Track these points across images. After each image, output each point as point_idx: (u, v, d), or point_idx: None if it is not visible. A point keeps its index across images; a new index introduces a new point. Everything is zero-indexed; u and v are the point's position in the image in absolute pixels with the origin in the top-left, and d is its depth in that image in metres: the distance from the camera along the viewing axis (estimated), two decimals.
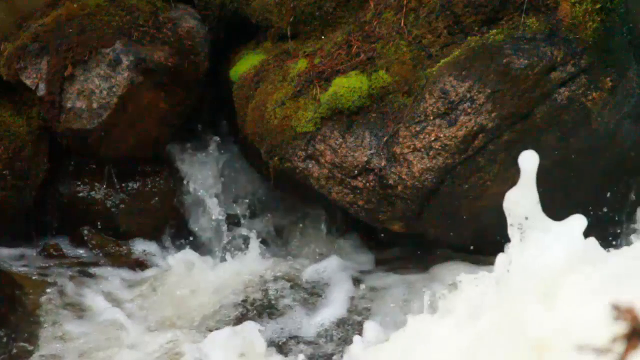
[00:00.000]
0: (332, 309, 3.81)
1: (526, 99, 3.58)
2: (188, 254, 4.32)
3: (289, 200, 4.46)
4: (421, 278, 3.95)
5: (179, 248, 4.37)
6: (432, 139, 3.64)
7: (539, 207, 2.70)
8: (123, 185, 4.34)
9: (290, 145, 3.90)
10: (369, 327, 3.45)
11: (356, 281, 4.00)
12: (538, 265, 2.56)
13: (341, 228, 4.41)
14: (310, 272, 4.05)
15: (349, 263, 4.15)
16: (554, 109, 3.61)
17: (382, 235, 4.11)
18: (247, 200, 4.50)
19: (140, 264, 4.20)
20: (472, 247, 3.85)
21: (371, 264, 4.25)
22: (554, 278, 2.50)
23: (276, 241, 4.45)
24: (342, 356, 3.42)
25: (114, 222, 4.33)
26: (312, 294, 3.93)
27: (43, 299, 3.82)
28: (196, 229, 4.44)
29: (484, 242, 3.65)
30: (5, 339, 3.53)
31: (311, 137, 3.86)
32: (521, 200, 2.70)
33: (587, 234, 2.64)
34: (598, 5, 3.61)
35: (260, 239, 4.29)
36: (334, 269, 4.05)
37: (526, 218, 2.70)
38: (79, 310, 3.76)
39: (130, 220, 4.34)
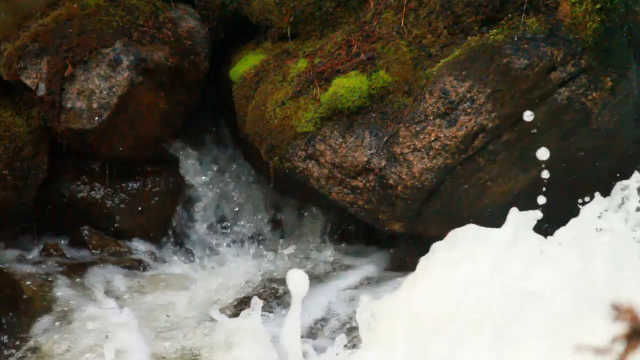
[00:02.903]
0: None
1: (526, 99, 3.58)
2: (187, 253, 4.33)
3: (289, 200, 4.47)
4: None
5: (179, 248, 4.37)
6: (432, 139, 3.64)
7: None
8: (123, 185, 4.34)
9: (290, 145, 3.90)
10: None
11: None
12: None
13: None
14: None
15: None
16: (554, 109, 3.61)
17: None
18: (246, 200, 4.50)
19: (140, 264, 4.20)
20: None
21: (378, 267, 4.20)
22: None
23: (275, 242, 4.45)
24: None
25: (114, 222, 4.33)
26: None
27: (43, 299, 3.82)
28: (195, 228, 4.44)
29: None
30: (4, 339, 3.53)
31: (311, 137, 3.86)
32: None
33: None
34: (598, 5, 3.61)
35: (258, 240, 4.28)
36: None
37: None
38: (78, 310, 3.76)
39: (130, 220, 4.34)
